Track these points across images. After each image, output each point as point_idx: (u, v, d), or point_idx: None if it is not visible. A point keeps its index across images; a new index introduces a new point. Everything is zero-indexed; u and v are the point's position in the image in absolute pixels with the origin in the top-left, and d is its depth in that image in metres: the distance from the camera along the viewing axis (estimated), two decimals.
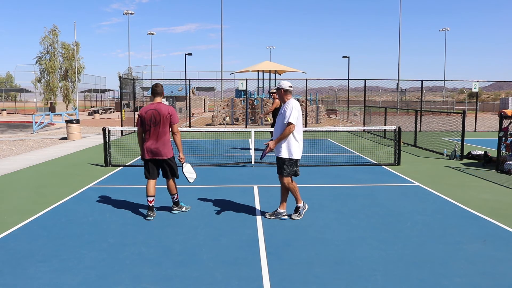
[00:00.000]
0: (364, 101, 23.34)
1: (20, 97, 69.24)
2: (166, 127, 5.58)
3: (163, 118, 5.51)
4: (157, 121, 5.49)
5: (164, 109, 5.54)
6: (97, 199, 6.69)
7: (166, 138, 5.60)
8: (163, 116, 5.51)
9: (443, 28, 61.56)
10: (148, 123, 5.53)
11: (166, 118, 5.52)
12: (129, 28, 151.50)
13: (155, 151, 5.57)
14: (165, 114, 5.52)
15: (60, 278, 3.80)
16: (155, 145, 5.55)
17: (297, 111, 5.30)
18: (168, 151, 5.64)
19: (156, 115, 5.50)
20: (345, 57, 38.23)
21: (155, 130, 5.52)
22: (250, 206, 6.27)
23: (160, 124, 5.51)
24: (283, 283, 3.73)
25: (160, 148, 5.54)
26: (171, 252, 4.44)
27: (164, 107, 5.56)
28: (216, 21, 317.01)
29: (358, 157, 11.29)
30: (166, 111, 5.54)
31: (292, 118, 5.22)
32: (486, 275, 3.89)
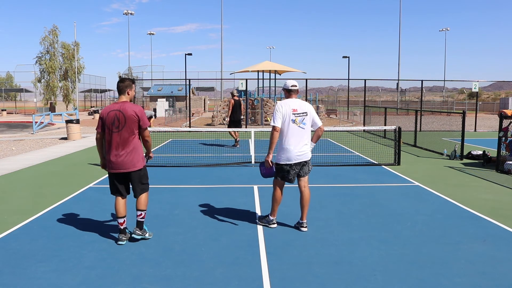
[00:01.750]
0: (364, 101, 23.33)
1: (20, 97, 69.23)
2: (133, 132, 4.58)
3: (129, 121, 4.52)
4: (121, 125, 4.51)
5: (130, 110, 4.55)
6: (97, 199, 6.69)
7: (133, 146, 4.58)
8: (129, 119, 4.52)
9: (443, 28, 61.59)
10: (110, 127, 4.53)
11: (132, 121, 4.54)
12: (129, 28, 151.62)
13: (119, 163, 4.56)
14: (131, 116, 4.52)
15: (60, 278, 3.80)
16: (120, 155, 4.55)
17: (280, 113, 4.93)
18: (136, 161, 4.62)
19: (120, 117, 4.51)
20: (345, 57, 38.24)
21: (119, 136, 4.53)
22: (250, 206, 6.27)
23: (125, 129, 4.53)
24: (283, 283, 3.73)
25: (125, 158, 4.55)
26: (171, 252, 4.44)
27: (130, 108, 4.57)
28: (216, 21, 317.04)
29: (358, 157, 11.29)
30: (133, 112, 4.55)
31: (273, 121, 4.93)
32: (486, 275, 3.89)
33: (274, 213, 5.26)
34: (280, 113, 4.93)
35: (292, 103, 5.01)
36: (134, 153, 4.59)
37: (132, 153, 4.58)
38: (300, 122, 4.98)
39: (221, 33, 41.79)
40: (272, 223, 5.28)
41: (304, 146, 5.02)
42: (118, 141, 4.53)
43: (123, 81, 4.72)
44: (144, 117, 4.61)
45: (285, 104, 4.99)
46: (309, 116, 5.06)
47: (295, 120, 4.96)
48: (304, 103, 5.12)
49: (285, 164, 4.99)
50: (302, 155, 5.01)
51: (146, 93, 48.30)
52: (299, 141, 4.96)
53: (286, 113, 4.94)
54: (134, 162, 4.60)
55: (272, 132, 4.94)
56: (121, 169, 4.59)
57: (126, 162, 4.57)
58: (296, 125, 4.96)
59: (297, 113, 4.98)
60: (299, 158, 4.99)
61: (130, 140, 4.56)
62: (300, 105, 5.03)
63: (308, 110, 5.06)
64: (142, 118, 4.58)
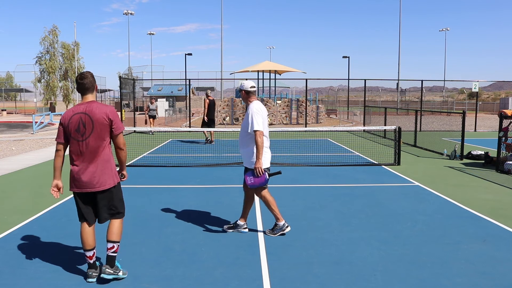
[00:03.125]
0: (364, 101, 23.34)
1: (20, 97, 69.19)
2: (104, 139, 3.65)
3: (98, 125, 3.59)
4: (87, 131, 3.58)
5: (99, 112, 3.59)
6: None
7: (103, 157, 3.67)
8: (98, 123, 3.58)
9: (443, 28, 61.63)
10: (75, 134, 3.60)
11: (103, 125, 3.60)
12: (129, 28, 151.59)
13: (87, 180, 3.62)
14: (100, 120, 3.58)
15: (60, 278, 3.80)
16: (87, 170, 3.62)
17: (260, 115, 4.70)
18: (108, 177, 3.68)
19: (86, 121, 3.58)
20: (345, 57, 38.25)
21: (86, 146, 3.60)
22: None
23: (92, 136, 3.59)
24: (283, 283, 3.73)
25: (95, 174, 3.62)
26: (171, 252, 4.44)
27: (100, 109, 3.60)
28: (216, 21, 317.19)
29: (358, 157, 11.29)
30: (103, 114, 3.60)
31: (256, 124, 4.62)
32: (486, 275, 3.89)
33: (279, 216, 4.99)
34: (261, 116, 4.73)
35: (262, 106, 4.88)
36: (105, 167, 3.66)
37: (102, 167, 3.64)
38: (267, 125, 4.94)
39: (221, 33, 41.80)
40: (285, 227, 5.00)
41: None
42: (84, 152, 3.60)
43: (85, 77, 3.65)
44: (118, 119, 3.69)
45: (260, 106, 4.82)
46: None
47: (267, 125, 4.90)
48: None
49: (267, 167, 4.89)
50: (270, 160, 4.95)
51: (146, 93, 48.27)
52: (268, 145, 4.89)
53: (264, 116, 4.82)
54: (104, 179, 3.65)
55: (259, 137, 4.62)
56: (90, 188, 3.64)
57: (95, 179, 3.61)
58: (267, 129, 4.90)
59: (266, 116, 4.93)
60: (268, 163, 4.90)
61: (100, 150, 3.63)
62: (265, 108, 4.96)
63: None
64: (115, 121, 3.65)
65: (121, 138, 3.76)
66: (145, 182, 8.10)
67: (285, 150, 12.53)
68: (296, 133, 18.00)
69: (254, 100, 4.89)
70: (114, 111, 3.73)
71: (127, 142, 14.20)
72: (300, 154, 11.57)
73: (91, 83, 3.68)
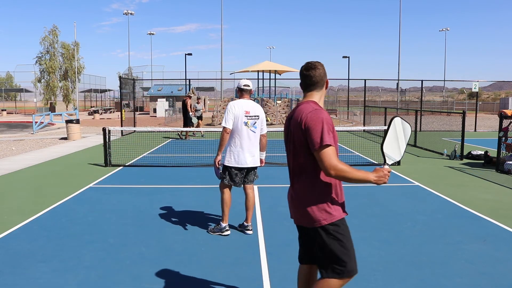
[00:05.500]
0: (364, 101, 23.33)
1: (20, 97, 69.19)
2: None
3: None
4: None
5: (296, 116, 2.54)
6: (97, 199, 6.69)
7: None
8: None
9: (443, 28, 61.57)
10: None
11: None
12: (129, 28, 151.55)
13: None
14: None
15: (60, 278, 3.80)
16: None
17: (232, 114, 4.70)
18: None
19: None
20: (345, 57, 38.21)
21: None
22: None
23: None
24: (283, 283, 3.73)
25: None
26: (171, 252, 4.44)
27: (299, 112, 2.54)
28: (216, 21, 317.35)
29: (358, 157, 11.29)
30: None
31: (224, 121, 4.71)
32: (486, 275, 3.89)
33: (225, 218, 4.97)
34: (232, 114, 4.71)
35: (245, 105, 4.79)
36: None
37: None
38: (252, 125, 4.79)
39: (221, 33, 41.79)
40: (225, 230, 4.97)
41: (256, 151, 4.86)
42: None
43: (315, 67, 2.61)
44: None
45: (237, 104, 4.77)
46: (260, 120, 4.86)
47: (247, 123, 4.76)
48: (257, 105, 4.89)
49: (233, 167, 4.81)
50: (252, 161, 4.83)
51: (146, 93, 48.28)
52: (249, 145, 4.78)
53: (238, 114, 4.73)
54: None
55: (222, 134, 4.73)
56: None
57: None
58: (248, 128, 4.77)
59: (249, 115, 4.77)
60: (248, 163, 4.80)
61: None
62: (253, 108, 4.81)
63: (260, 114, 4.86)
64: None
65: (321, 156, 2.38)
66: (145, 182, 8.10)
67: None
68: None
69: (243, 98, 4.88)
70: (314, 118, 2.43)
71: (128, 141, 14.26)
72: None
73: (321, 76, 2.62)
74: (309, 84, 2.61)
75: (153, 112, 37.29)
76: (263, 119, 4.93)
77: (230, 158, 4.80)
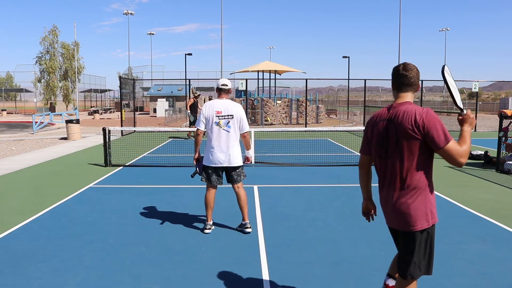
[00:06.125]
0: (364, 101, 23.34)
1: (20, 97, 69.18)
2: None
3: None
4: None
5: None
6: (97, 199, 6.69)
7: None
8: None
9: (443, 28, 61.53)
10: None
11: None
12: (129, 28, 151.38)
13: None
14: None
15: (60, 278, 3.80)
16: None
17: (203, 115, 4.84)
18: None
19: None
20: (345, 57, 38.23)
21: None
22: (250, 206, 6.25)
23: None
24: (283, 283, 3.72)
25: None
26: (171, 252, 4.44)
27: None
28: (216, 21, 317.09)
29: (358, 157, 11.27)
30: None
31: (197, 123, 4.90)
32: (486, 275, 3.89)
33: (207, 217, 5.07)
34: (203, 115, 4.85)
35: (217, 105, 4.85)
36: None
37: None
38: (225, 125, 4.82)
39: (221, 33, 41.75)
40: (205, 228, 5.04)
41: (230, 150, 4.85)
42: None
43: (412, 69, 2.60)
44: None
45: (209, 106, 4.86)
46: (236, 119, 4.86)
47: (219, 123, 4.81)
48: (233, 105, 4.91)
49: (208, 166, 4.93)
50: (226, 160, 4.86)
51: (146, 93, 48.27)
52: (223, 144, 4.83)
53: (209, 115, 4.84)
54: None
55: (195, 135, 4.96)
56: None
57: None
58: (221, 128, 4.82)
59: (221, 115, 4.81)
60: (222, 163, 4.85)
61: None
62: (227, 107, 4.85)
63: (234, 113, 4.86)
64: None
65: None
66: (145, 182, 8.10)
67: (285, 150, 12.54)
68: (296, 133, 18.00)
69: (222, 97, 4.94)
70: (431, 117, 2.44)
71: (128, 141, 14.25)
72: (300, 154, 11.57)
73: (417, 78, 2.62)
74: (406, 85, 2.60)
75: (153, 112, 37.30)
76: (241, 118, 4.92)
77: (206, 157, 4.95)
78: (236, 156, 4.93)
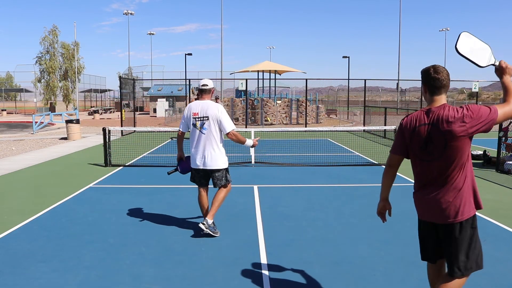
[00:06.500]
0: (364, 101, 23.34)
1: (20, 97, 69.16)
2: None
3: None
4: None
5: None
6: (97, 199, 6.69)
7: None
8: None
9: (443, 28, 61.55)
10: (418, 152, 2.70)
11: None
12: (129, 28, 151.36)
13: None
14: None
15: (60, 278, 3.80)
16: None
17: (183, 116, 4.89)
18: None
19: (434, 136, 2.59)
20: (345, 57, 38.27)
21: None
22: (250, 206, 6.27)
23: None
24: (283, 283, 3.72)
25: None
26: (171, 252, 4.44)
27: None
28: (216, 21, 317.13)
29: (358, 157, 11.29)
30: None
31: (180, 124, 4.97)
32: (486, 275, 3.88)
33: (203, 214, 5.04)
34: (183, 117, 4.89)
35: (195, 106, 4.78)
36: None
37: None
38: (201, 127, 4.73)
39: (221, 33, 41.77)
40: (201, 222, 4.85)
41: (207, 153, 4.72)
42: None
43: (442, 71, 2.62)
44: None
45: (188, 107, 4.85)
46: (212, 121, 4.69)
47: (196, 124, 4.75)
48: (210, 106, 4.74)
49: (192, 167, 4.92)
50: (202, 163, 4.75)
51: (146, 93, 48.27)
52: (199, 146, 4.74)
53: (187, 117, 4.83)
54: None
55: (177, 135, 5.04)
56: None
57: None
58: (197, 130, 4.75)
59: (198, 117, 4.73)
60: (198, 165, 4.78)
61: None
62: (203, 109, 4.72)
63: (210, 114, 4.69)
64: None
65: None
66: (145, 182, 8.10)
67: (285, 150, 12.54)
68: (296, 133, 18.00)
69: (202, 98, 4.83)
70: (474, 108, 2.52)
71: (128, 141, 14.25)
72: (300, 154, 11.57)
73: (449, 79, 2.65)
74: (439, 87, 2.62)
75: (153, 112, 37.30)
76: (218, 119, 4.71)
77: (191, 158, 4.93)
78: (214, 159, 4.74)
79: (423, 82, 2.69)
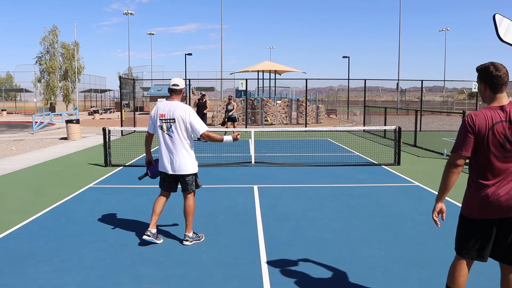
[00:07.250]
0: (364, 101, 23.33)
1: (20, 97, 69.16)
2: None
3: None
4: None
5: None
6: (97, 199, 6.69)
7: None
8: None
9: (443, 28, 61.61)
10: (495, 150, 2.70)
11: None
12: (129, 28, 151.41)
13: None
14: None
15: (60, 278, 3.80)
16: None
17: (150, 118, 4.64)
18: None
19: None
20: (345, 57, 38.25)
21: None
22: (250, 206, 6.27)
23: None
24: (283, 283, 3.73)
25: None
26: (171, 252, 4.44)
27: None
28: (216, 21, 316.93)
29: (358, 157, 11.29)
30: None
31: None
32: (486, 275, 3.89)
33: (150, 223, 4.64)
34: (150, 117, 4.64)
35: (162, 108, 4.52)
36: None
37: None
38: (167, 129, 4.49)
39: (221, 33, 41.79)
40: (145, 234, 4.59)
41: (174, 157, 4.51)
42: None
43: (501, 69, 2.70)
44: None
45: (156, 107, 4.61)
46: (178, 123, 4.43)
47: (162, 127, 4.52)
48: (178, 108, 4.46)
49: (161, 171, 4.72)
50: (170, 167, 4.54)
51: (146, 93, 48.25)
52: (166, 150, 4.55)
53: (153, 118, 4.59)
54: None
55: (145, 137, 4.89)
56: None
57: None
58: (163, 132, 4.53)
59: (164, 119, 4.48)
60: (167, 170, 4.58)
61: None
62: (170, 110, 4.45)
63: (177, 117, 4.42)
64: None
65: None
66: (145, 182, 8.08)
67: (285, 150, 12.54)
68: (296, 133, 18.00)
69: (171, 99, 4.57)
70: None
71: (128, 141, 14.26)
72: (300, 154, 11.57)
73: (508, 77, 2.72)
74: (501, 84, 2.66)
75: None
76: (186, 122, 4.46)
77: (160, 163, 4.72)
78: (182, 163, 4.51)
79: (482, 80, 2.70)
